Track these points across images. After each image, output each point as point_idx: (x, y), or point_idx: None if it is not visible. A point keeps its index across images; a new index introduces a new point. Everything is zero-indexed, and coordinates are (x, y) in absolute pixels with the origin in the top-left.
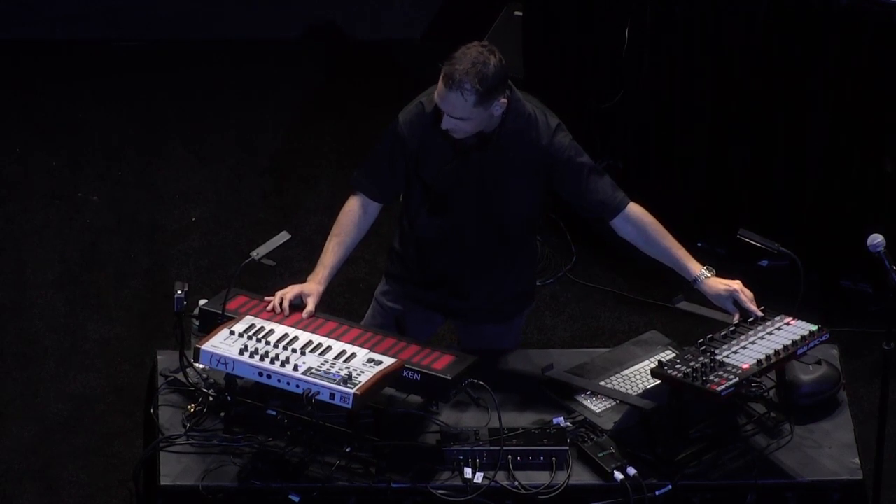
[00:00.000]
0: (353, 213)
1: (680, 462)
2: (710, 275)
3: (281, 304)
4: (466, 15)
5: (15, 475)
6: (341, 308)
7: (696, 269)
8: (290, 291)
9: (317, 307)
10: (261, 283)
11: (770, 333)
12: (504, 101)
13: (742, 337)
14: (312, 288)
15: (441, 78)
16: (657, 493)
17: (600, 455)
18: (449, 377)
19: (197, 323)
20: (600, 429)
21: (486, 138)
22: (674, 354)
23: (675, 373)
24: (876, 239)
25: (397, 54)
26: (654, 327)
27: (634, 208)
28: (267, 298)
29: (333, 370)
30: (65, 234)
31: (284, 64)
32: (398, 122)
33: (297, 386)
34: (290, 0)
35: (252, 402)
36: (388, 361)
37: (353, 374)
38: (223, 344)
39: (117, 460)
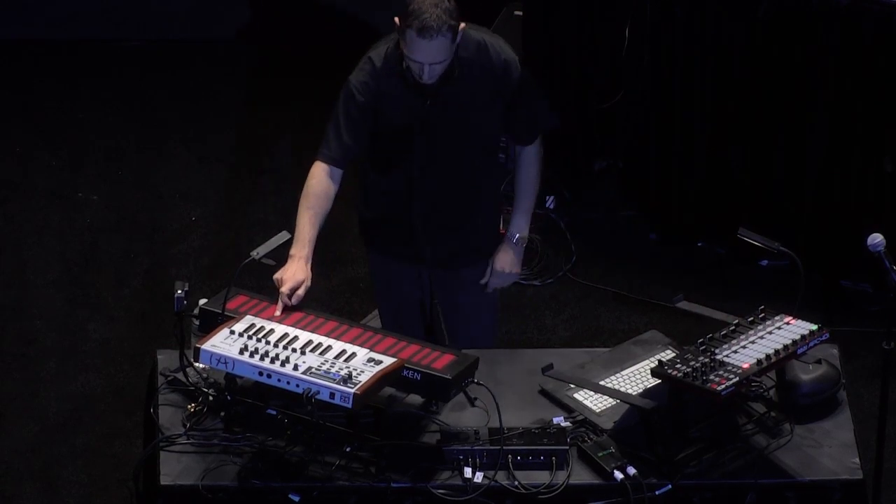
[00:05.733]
0: (321, 184)
1: (680, 462)
2: (522, 238)
3: (290, 297)
4: (466, 15)
5: (15, 475)
6: (341, 308)
7: (516, 230)
8: (287, 285)
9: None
10: (261, 283)
11: (770, 333)
12: (463, 25)
13: (742, 336)
14: (306, 272)
15: (417, 34)
16: (657, 492)
17: (600, 454)
18: (449, 377)
19: (197, 323)
20: (600, 428)
21: (447, 74)
22: (674, 354)
23: (675, 372)
24: (876, 239)
25: None
26: (654, 327)
27: (537, 148)
28: (276, 311)
29: (333, 370)
30: (65, 234)
31: (284, 64)
32: (350, 84)
33: (297, 385)
34: (290, 0)
35: (252, 401)
36: (388, 361)
37: (353, 373)
38: (223, 343)
39: (117, 460)
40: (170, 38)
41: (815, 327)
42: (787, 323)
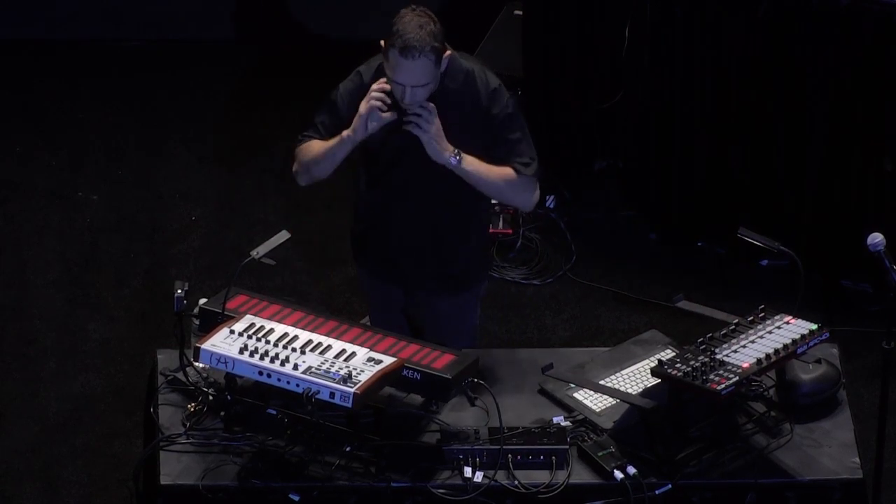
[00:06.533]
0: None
1: (680, 461)
2: (462, 158)
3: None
4: (466, 15)
5: (15, 475)
6: (341, 308)
7: (465, 154)
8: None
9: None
10: (261, 282)
11: (770, 332)
12: (448, 52)
13: (742, 336)
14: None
15: (399, 54)
16: (657, 492)
17: (600, 454)
18: (449, 377)
19: (197, 322)
20: (600, 428)
21: (430, 100)
22: (674, 353)
23: (675, 372)
24: (876, 238)
25: None
26: (654, 327)
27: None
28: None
29: (333, 369)
30: (65, 234)
31: (284, 64)
32: (338, 92)
33: (297, 385)
34: (290, 1)
35: (252, 401)
36: (387, 360)
37: (353, 373)
38: (223, 343)
39: (117, 460)
40: (170, 38)
41: (815, 327)
42: (787, 322)
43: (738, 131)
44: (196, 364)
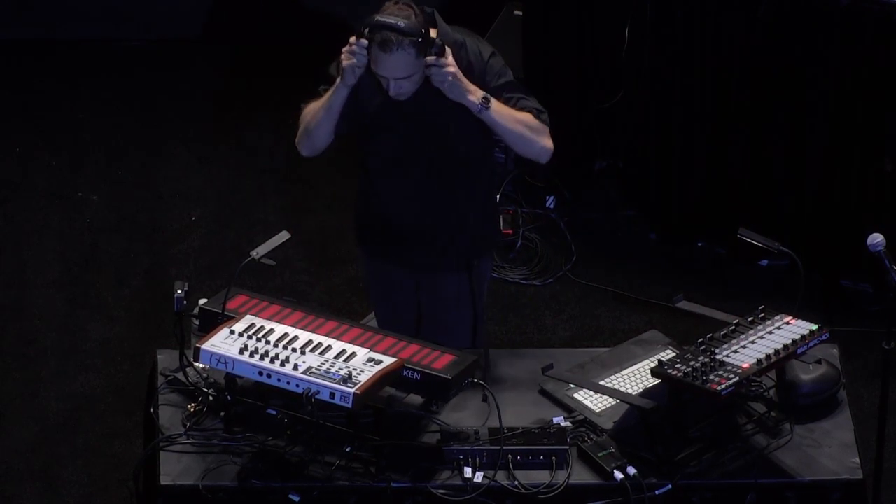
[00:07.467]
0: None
1: (680, 462)
2: (488, 100)
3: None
4: (466, 15)
5: (15, 475)
6: (341, 308)
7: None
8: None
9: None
10: (261, 282)
11: (770, 332)
12: (434, 33)
13: (742, 336)
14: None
15: (378, 48)
16: (657, 492)
17: (600, 454)
18: (449, 377)
19: (197, 322)
20: (600, 428)
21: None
22: (674, 354)
23: (675, 372)
24: (876, 239)
25: None
26: (654, 327)
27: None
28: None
29: (333, 369)
30: (65, 234)
31: (284, 64)
32: (334, 64)
33: (297, 385)
34: (291, 1)
35: (252, 401)
36: (388, 361)
37: (353, 373)
38: (223, 343)
39: (117, 460)
40: (170, 38)
41: (815, 327)
42: (787, 323)
43: (738, 131)
44: (196, 364)
